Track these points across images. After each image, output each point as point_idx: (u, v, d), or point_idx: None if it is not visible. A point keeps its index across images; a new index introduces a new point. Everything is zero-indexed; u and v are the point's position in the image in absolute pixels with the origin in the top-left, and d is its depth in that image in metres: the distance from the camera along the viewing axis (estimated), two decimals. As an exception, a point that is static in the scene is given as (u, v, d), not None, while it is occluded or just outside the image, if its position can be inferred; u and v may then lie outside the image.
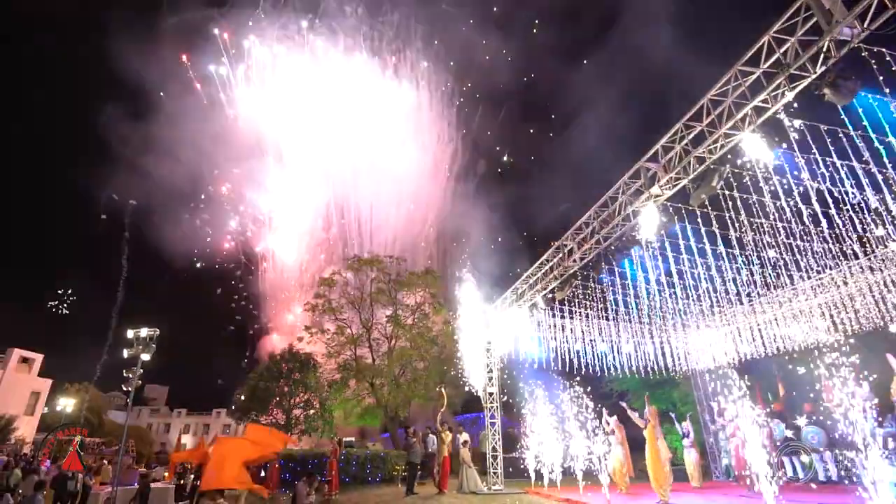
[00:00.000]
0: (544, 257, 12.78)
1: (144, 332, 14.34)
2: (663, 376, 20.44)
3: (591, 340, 16.36)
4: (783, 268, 10.15)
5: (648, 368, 17.98)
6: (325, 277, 26.87)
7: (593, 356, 17.31)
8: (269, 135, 66.20)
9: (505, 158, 72.23)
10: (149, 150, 62.81)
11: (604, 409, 14.55)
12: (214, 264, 66.91)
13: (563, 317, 15.19)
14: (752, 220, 8.81)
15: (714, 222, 8.91)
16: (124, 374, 17.59)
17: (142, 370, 16.80)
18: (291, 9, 67.03)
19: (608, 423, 14.15)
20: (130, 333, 14.43)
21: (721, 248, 10.02)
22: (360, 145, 67.62)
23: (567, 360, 16.67)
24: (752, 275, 10.31)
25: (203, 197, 67.13)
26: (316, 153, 67.20)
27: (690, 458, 15.17)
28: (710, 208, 8.71)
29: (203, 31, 64.69)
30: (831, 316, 13.04)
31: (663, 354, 17.73)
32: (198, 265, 66.32)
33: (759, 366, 16.09)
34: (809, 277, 11.75)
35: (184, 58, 64.51)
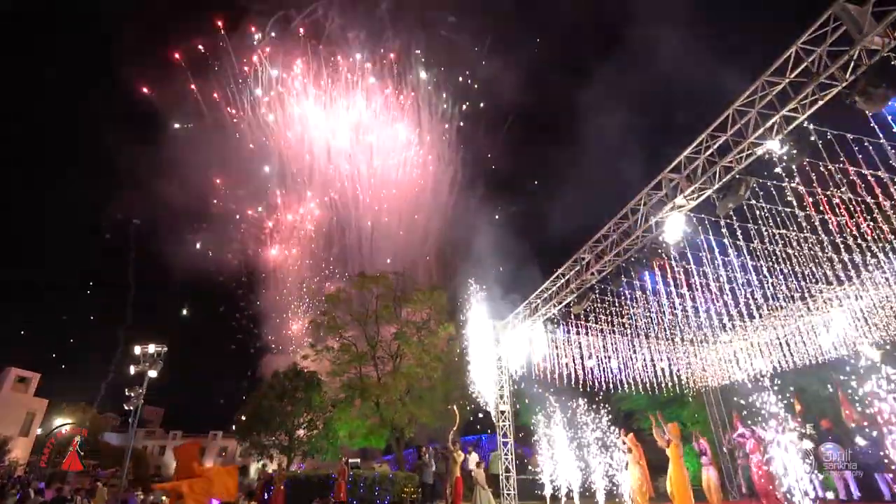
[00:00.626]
0: (560, 270, 12.68)
1: (152, 348, 14.06)
2: (673, 394, 20.15)
3: (605, 356, 16.12)
4: (807, 278, 10.06)
5: (660, 385, 17.72)
6: (331, 294, 26.63)
7: (601, 373, 17.07)
8: (273, 155, 66.72)
9: (507, 172, 72.60)
10: (153, 169, 63.03)
11: (621, 428, 14.26)
12: (215, 283, 66.50)
13: (577, 332, 14.99)
14: (777, 230, 8.75)
15: (738, 232, 8.86)
16: (126, 393, 17.23)
17: (142, 390, 16.46)
18: (297, 35, 68.23)
19: (625, 442, 13.84)
20: (137, 350, 14.15)
21: (737, 258, 9.95)
22: (363, 165, 68.15)
23: (577, 377, 16.41)
24: (773, 286, 10.21)
25: (205, 216, 67.15)
26: (319, 173, 67.69)
27: (709, 476, 14.81)
28: (734, 218, 8.67)
29: (210, 56, 65.67)
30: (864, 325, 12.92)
31: (677, 371, 17.49)
32: (198, 284, 65.87)
33: (778, 380, 15.86)
34: (825, 290, 11.68)
35: (191, 79, 65.24)
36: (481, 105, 71.69)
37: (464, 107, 71.66)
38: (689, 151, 8.60)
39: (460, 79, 70.43)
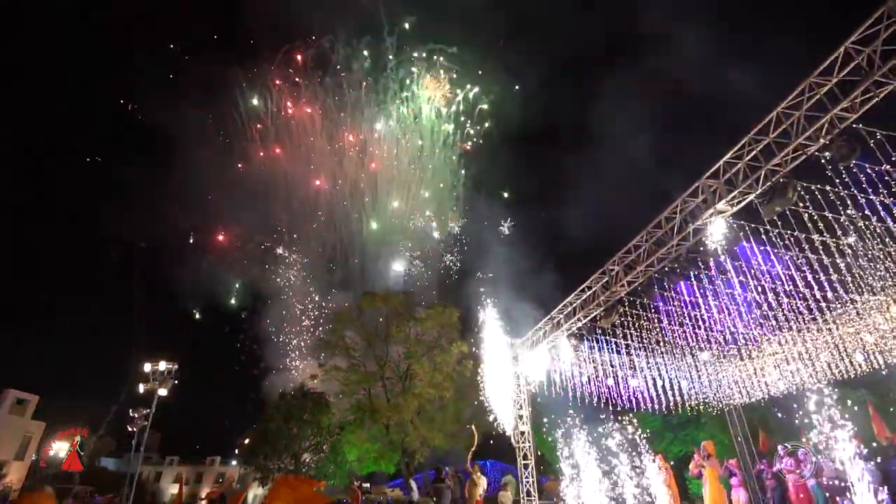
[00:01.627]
0: (587, 283, 12.34)
1: (163, 365, 13.55)
2: (689, 415, 19.47)
3: (632, 373, 15.63)
4: (856, 285, 9.74)
5: (682, 405, 17.14)
6: (340, 312, 26.17)
7: (626, 391, 16.52)
8: (279, 181, 66.87)
9: (507, 195, 72.38)
10: (161, 193, 62.86)
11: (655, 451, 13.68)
12: (219, 305, 65.58)
13: (601, 349, 14.54)
14: (823, 237, 8.47)
15: (783, 237, 8.58)
16: (131, 415, 16.63)
17: (150, 410, 15.91)
18: (304, 66, 69.08)
19: (653, 462, 13.28)
20: (147, 367, 13.63)
21: (780, 265, 9.65)
22: (369, 188, 68.37)
23: (602, 396, 15.87)
24: (818, 295, 9.87)
25: (211, 239, 66.80)
26: (325, 199, 67.80)
27: (739, 498, 14.20)
28: (780, 224, 8.41)
29: (220, 83, 66.33)
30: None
31: (701, 388, 16.92)
32: (202, 307, 65.06)
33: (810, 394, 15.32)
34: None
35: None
36: (486, 124, 71.96)
37: (476, 127, 71.79)
38: (730, 156, 8.40)
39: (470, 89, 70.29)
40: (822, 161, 7.45)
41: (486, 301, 17.88)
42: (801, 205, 7.88)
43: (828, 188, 7.90)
